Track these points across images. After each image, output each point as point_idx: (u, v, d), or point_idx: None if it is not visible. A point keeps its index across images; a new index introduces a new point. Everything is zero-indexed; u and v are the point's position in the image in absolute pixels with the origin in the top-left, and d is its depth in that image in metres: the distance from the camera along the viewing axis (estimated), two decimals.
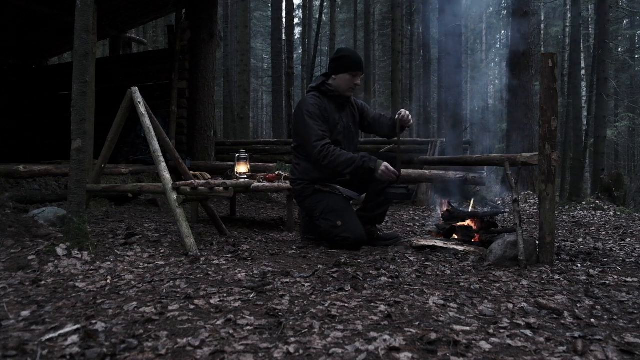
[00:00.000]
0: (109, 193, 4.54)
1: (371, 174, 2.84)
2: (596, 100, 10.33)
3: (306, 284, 2.02)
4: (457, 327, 1.50)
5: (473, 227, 3.06)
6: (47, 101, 9.36)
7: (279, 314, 1.61)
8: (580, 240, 3.60)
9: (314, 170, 3.01)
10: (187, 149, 7.53)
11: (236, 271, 2.24)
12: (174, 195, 2.76)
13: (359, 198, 3.22)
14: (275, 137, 15.01)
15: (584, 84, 15.67)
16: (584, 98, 15.08)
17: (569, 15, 16.00)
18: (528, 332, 1.47)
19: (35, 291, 1.87)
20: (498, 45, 29.03)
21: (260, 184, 3.78)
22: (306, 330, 1.46)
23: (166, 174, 2.81)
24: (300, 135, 2.99)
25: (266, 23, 28.64)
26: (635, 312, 1.72)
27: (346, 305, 1.72)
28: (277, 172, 4.27)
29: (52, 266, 2.22)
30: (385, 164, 2.82)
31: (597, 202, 6.76)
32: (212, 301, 1.74)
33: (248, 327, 1.47)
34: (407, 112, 2.99)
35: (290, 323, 1.51)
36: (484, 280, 2.15)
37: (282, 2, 16.27)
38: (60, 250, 2.36)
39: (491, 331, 1.48)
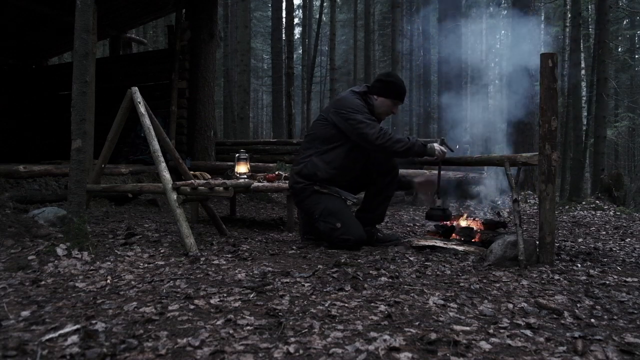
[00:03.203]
0: (109, 193, 4.54)
1: (422, 153, 2.96)
2: (596, 100, 10.33)
3: (306, 284, 2.02)
4: (457, 327, 1.50)
5: (474, 227, 3.07)
6: (47, 101, 9.36)
7: (279, 314, 1.61)
8: (580, 240, 3.60)
9: (324, 167, 3.00)
10: (187, 149, 7.53)
11: (236, 271, 2.24)
12: (174, 195, 2.76)
13: (355, 199, 3.24)
14: (275, 137, 15.00)
15: (584, 84, 15.67)
16: (584, 98, 15.08)
17: (569, 15, 16.00)
18: (528, 332, 1.47)
19: (35, 291, 1.87)
20: (498, 45, 29.01)
21: (260, 184, 3.78)
22: (306, 330, 1.46)
23: (166, 174, 2.81)
24: (347, 121, 2.94)
25: (266, 23, 28.63)
26: (635, 312, 1.72)
27: (346, 305, 1.72)
28: (277, 172, 4.27)
29: (52, 266, 2.22)
30: (437, 144, 3.03)
31: (597, 202, 6.76)
32: (212, 301, 1.74)
33: (248, 327, 1.47)
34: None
35: (290, 323, 1.51)
36: (484, 280, 2.15)
37: (282, 2, 16.28)
38: (60, 250, 2.36)
39: (491, 331, 1.48)
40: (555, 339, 1.42)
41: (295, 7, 22.93)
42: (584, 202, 6.88)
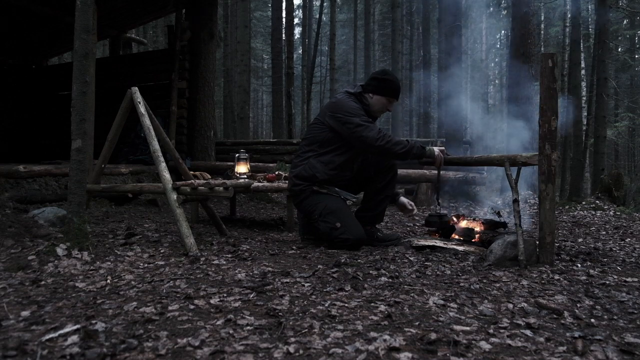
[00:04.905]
0: (109, 193, 4.54)
1: (421, 155, 3.00)
2: (596, 100, 10.34)
3: (306, 284, 2.02)
4: (457, 327, 1.50)
5: (474, 228, 3.07)
6: (47, 101, 9.36)
7: (279, 314, 1.61)
8: (580, 240, 3.60)
9: (322, 169, 3.01)
10: (187, 149, 7.53)
11: (236, 271, 2.24)
12: (174, 195, 2.76)
13: (355, 199, 3.26)
14: (275, 137, 15.00)
15: (584, 84, 15.67)
16: (584, 98, 15.08)
17: (569, 15, 16.00)
18: (528, 332, 1.47)
19: (35, 291, 1.87)
20: (498, 45, 29.03)
21: (260, 184, 3.78)
22: (306, 330, 1.46)
23: (166, 174, 2.81)
24: (344, 125, 2.95)
25: (266, 23, 28.63)
26: (635, 312, 1.72)
27: (346, 305, 1.72)
28: (277, 172, 4.27)
29: (52, 266, 2.22)
30: (436, 147, 3.08)
31: (597, 202, 6.75)
32: (212, 301, 1.74)
33: (248, 327, 1.47)
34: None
35: (290, 323, 1.51)
36: (484, 280, 2.15)
37: (282, 2, 16.28)
38: (60, 250, 2.36)
39: (491, 331, 1.48)
40: (555, 339, 1.42)
41: (295, 7, 22.97)
42: (584, 202, 6.87)
